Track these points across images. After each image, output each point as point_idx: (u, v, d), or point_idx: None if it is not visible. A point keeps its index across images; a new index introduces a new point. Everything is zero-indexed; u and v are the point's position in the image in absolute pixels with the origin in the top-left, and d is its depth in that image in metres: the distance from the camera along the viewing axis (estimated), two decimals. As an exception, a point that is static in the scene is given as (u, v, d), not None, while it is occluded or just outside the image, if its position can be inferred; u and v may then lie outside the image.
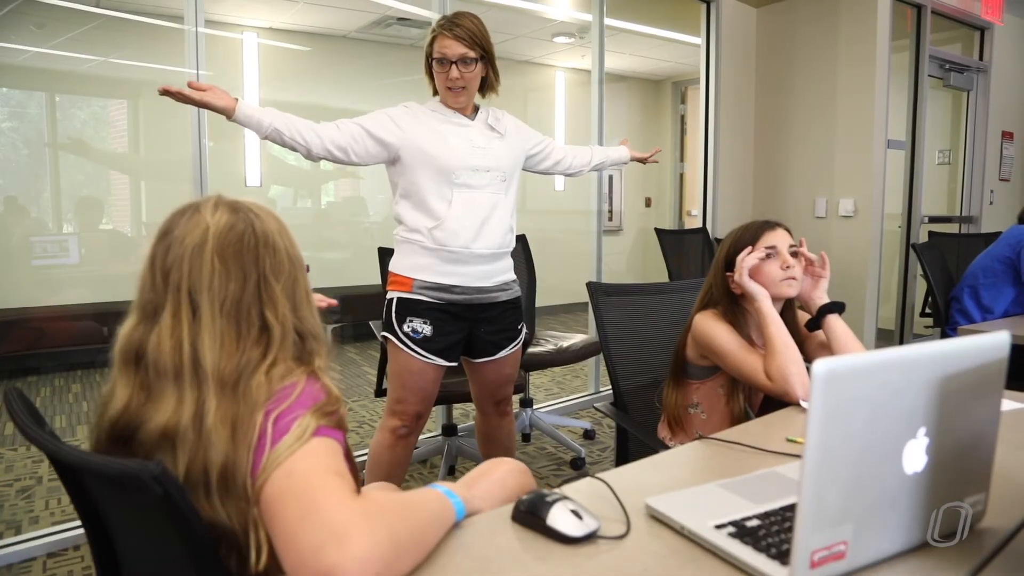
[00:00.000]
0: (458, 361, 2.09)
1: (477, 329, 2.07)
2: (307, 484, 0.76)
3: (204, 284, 0.85)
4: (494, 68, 2.04)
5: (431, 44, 1.97)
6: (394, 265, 2.06)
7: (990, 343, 0.81)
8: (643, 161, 2.53)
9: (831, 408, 0.69)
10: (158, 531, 0.80)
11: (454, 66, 1.93)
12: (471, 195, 1.97)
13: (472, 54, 1.94)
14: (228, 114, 1.78)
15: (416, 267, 2.00)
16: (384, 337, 2.04)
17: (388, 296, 2.04)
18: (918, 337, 4.90)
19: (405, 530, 0.77)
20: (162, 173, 4.94)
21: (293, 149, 1.90)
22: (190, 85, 1.74)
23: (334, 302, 1.41)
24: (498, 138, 2.04)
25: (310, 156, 1.93)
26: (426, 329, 1.99)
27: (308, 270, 1.04)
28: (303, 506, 0.74)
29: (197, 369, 0.83)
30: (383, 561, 0.72)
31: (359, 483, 0.91)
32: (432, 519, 0.84)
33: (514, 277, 2.15)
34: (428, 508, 0.85)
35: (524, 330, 2.20)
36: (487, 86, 2.05)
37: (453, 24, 1.94)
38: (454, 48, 1.93)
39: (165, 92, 1.72)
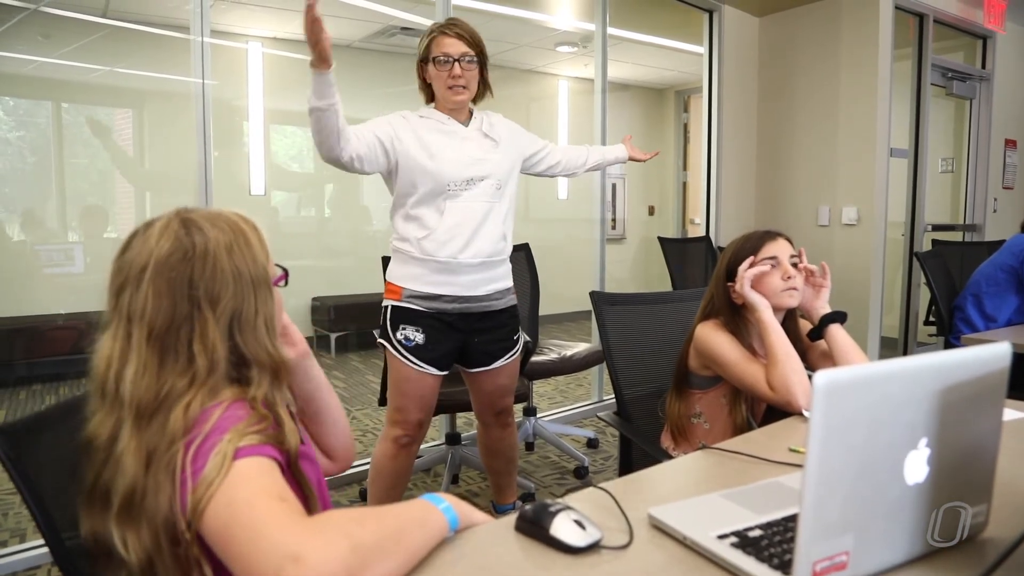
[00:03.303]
0: (449, 369, 2.09)
1: (472, 339, 2.06)
2: (251, 512, 0.75)
3: (138, 311, 0.86)
4: (486, 74, 2.05)
5: (428, 47, 1.98)
6: (388, 273, 2.07)
7: (991, 353, 0.81)
8: (641, 160, 2.47)
9: (832, 419, 0.69)
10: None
11: (457, 63, 1.95)
12: (464, 205, 1.97)
13: (473, 52, 1.97)
14: (324, 68, 1.79)
15: (406, 276, 2.01)
16: (381, 344, 2.05)
17: (383, 304, 2.05)
18: (922, 346, 4.89)
19: (366, 533, 0.76)
20: (166, 181, 4.96)
21: (326, 139, 1.82)
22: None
23: None
24: (494, 146, 2.04)
25: (334, 157, 1.86)
26: (418, 337, 1.99)
27: (285, 279, 0.99)
28: (250, 534, 0.73)
29: (118, 393, 0.85)
30: (344, 565, 0.71)
31: (312, 499, 0.90)
32: (407, 522, 0.82)
33: (510, 285, 2.13)
34: (400, 513, 0.84)
35: (521, 340, 2.19)
36: (478, 93, 2.07)
37: (452, 25, 1.98)
38: (456, 46, 1.95)
39: (310, 8, 1.68)
